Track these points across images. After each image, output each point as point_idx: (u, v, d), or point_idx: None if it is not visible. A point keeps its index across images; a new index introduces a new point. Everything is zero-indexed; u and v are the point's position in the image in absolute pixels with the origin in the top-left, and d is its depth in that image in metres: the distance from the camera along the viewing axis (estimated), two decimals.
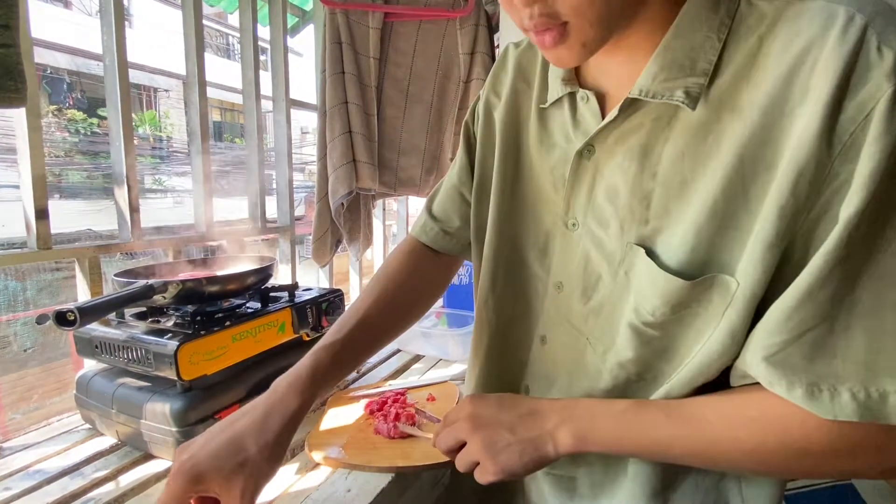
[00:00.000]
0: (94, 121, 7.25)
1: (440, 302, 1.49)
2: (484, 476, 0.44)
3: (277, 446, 0.46)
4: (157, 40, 7.91)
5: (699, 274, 0.37)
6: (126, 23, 0.86)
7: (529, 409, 0.45)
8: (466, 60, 1.36)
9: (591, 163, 0.44)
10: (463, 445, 0.46)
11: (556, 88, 0.48)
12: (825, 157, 0.32)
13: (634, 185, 0.41)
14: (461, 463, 0.46)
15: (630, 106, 0.40)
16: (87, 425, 0.77)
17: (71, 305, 0.53)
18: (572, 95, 0.46)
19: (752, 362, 0.36)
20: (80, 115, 7.14)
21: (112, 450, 0.71)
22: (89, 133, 7.13)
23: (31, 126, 0.72)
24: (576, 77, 0.47)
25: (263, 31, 1.21)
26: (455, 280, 1.32)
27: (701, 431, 0.39)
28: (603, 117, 0.43)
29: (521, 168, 0.53)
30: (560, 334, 0.49)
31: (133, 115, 0.89)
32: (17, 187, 0.75)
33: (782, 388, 0.34)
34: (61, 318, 0.52)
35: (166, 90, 9.12)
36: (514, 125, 0.54)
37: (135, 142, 0.88)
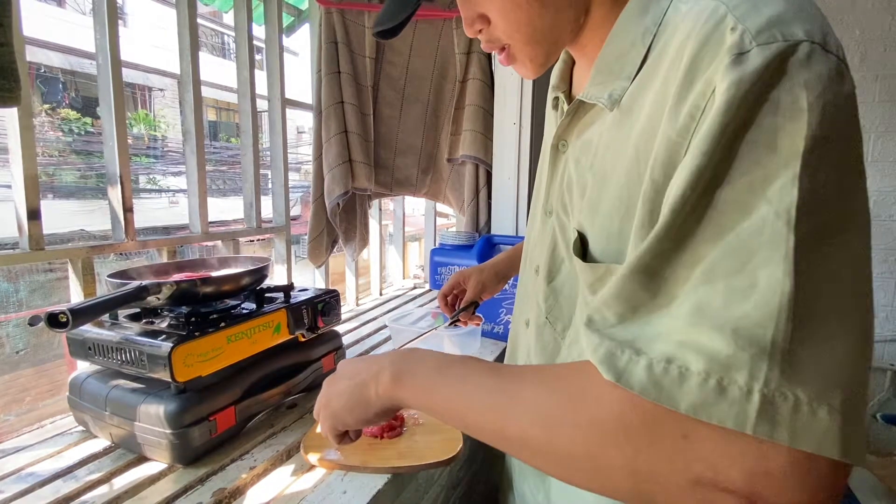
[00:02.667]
0: (88, 120, 7.20)
1: (436, 302, 1.49)
2: (322, 425, 0.50)
3: None
4: (151, 39, 7.87)
5: (614, 261, 0.40)
6: (119, 21, 0.85)
7: (371, 359, 0.47)
8: (463, 60, 1.36)
9: (564, 156, 0.50)
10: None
11: (550, 94, 0.56)
12: (676, 138, 0.32)
13: (580, 176, 0.46)
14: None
15: (579, 107, 0.45)
16: (81, 427, 0.76)
17: (63, 307, 0.52)
18: (557, 98, 0.54)
19: (580, 327, 0.35)
20: (73, 114, 7.09)
21: (105, 452, 0.70)
22: (83, 132, 7.08)
23: (23, 125, 0.71)
24: (565, 81, 0.54)
25: (259, 31, 1.21)
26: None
27: (509, 384, 0.37)
28: None
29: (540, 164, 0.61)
30: (535, 316, 0.54)
31: (127, 115, 0.88)
32: (9, 187, 0.74)
33: (591, 347, 0.32)
34: (53, 320, 0.51)
35: (161, 89, 9.07)
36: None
37: (128, 141, 0.87)
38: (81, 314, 0.54)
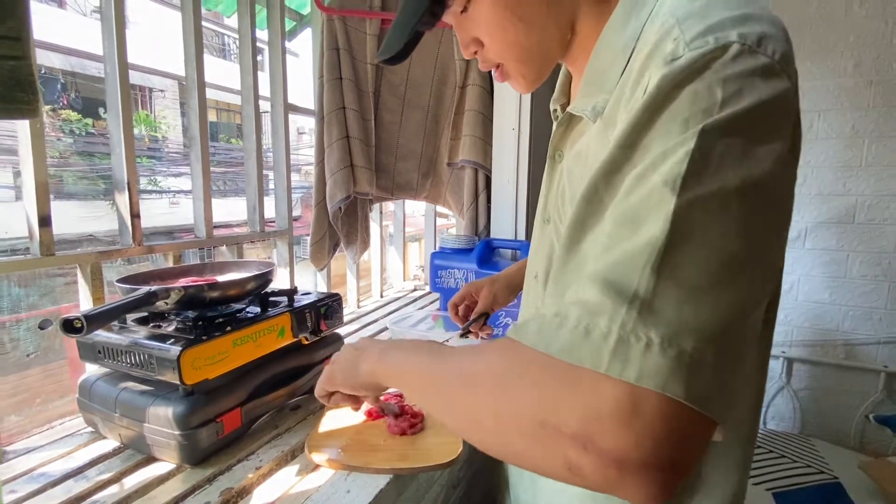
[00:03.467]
0: (89, 121, 7.21)
1: (437, 305, 1.51)
2: (318, 382, 0.60)
3: None
4: (152, 40, 7.88)
5: None
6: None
7: (377, 340, 0.55)
8: (462, 66, 1.38)
9: (560, 166, 0.52)
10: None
11: (551, 107, 0.58)
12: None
13: (572, 185, 0.48)
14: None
15: (569, 119, 0.48)
16: (90, 429, 0.78)
17: (78, 313, 0.54)
18: (556, 111, 0.57)
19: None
20: (74, 115, 7.10)
21: (115, 453, 0.72)
22: (84, 133, 7.09)
23: (34, 133, 0.73)
24: (565, 94, 0.56)
25: (261, 33, 1.22)
26: (452, 283, 1.34)
27: (450, 358, 0.40)
28: None
29: None
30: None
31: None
32: (10, 188, 0.75)
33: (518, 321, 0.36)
34: (68, 326, 0.53)
35: (161, 90, 9.08)
36: None
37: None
38: (95, 320, 0.55)
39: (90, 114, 7.34)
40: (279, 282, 1.26)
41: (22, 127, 0.72)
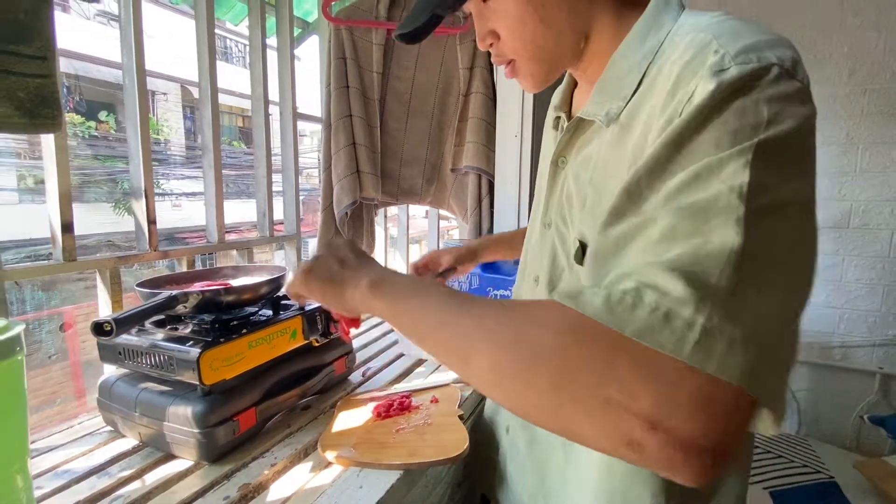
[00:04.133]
0: (92, 124, 7.25)
1: None
2: (295, 279, 0.56)
3: None
4: (155, 44, 7.93)
5: None
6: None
7: (358, 264, 0.52)
8: (466, 75, 1.41)
9: (563, 171, 0.54)
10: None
11: (550, 113, 0.61)
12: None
13: (579, 189, 0.50)
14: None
15: (578, 125, 0.50)
16: (108, 428, 0.81)
17: (108, 317, 0.57)
18: (558, 118, 0.59)
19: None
20: (78, 118, 7.14)
21: (135, 451, 0.75)
22: (87, 136, 7.13)
23: (59, 146, 0.76)
24: (566, 103, 0.59)
25: (268, 40, 1.26)
26: (456, 284, 1.36)
27: (468, 304, 0.39)
28: None
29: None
30: None
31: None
32: (13, 191, 0.78)
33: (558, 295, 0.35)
34: (98, 329, 0.56)
35: (164, 93, 9.14)
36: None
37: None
38: (123, 323, 0.59)
39: (93, 117, 7.38)
40: None
41: (46, 139, 0.76)
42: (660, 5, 0.45)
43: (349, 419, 0.82)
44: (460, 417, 0.80)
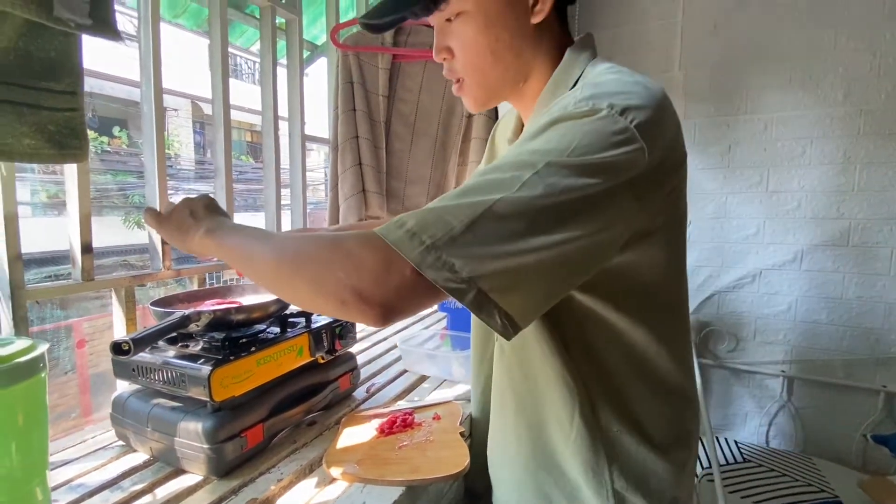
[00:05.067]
0: (105, 139, 7.40)
1: (443, 324, 1.56)
2: (153, 218, 0.66)
3: None
4: (167, 60, 8.10)
5: None
6: (136, 45, 0.93)
7: (197, 215, 0.61)
8: None
9: None
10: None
11: (503, 146, 0.71)
12: None
13: None
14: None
15: None
16: (120, 443, 0.83)
17: (126, 337, 0.60)
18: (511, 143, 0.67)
19: None
20: (92, 134, 7.28)
21: (145, 465, 0.77)
22: (99, 151, 7.28)
23: (81, 170, 0.80)
24: (516, 134, 0.66)
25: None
26: (459, 304, 1.39)
27: (270, 236, 0.52)
28: None
29: None
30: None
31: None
32: (28, 204, 0.82)
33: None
34: (117, 349, 0.59)
35: (175, 109, 9.32)
36: None
37: (143, 158, 0.96)
38: (140, 342, 0.62)
39: (106, 132, 7.54)
40: None
41: (69, 165, 0.80)
42: (570, 60, 0.56)
43: (353, 436, 0.84)
44: (462, 434, 0.82)
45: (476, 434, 0.81)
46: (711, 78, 1.84)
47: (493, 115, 1.53)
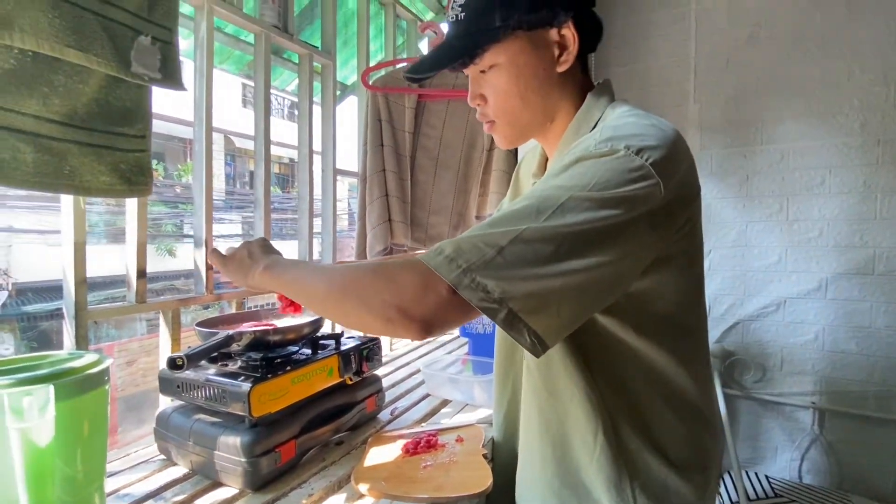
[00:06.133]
0: None
1: (465, 349, 1.59)
2: (217, 258, 0.74)
3: None
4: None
5: None
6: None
7: (255, 256, 0.69)
8: None
9: None
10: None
11: (528, 181, 0.76)
12: None
13: None
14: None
15: None
16: (161, 456, 0.88)
17: (180, 353, 0.66)
18: (535, 183, 0.72)
19: None
20: None
21: (185, 478, 0.82)
22: None
23: (140, 203, 0.89)
24: (542, 170, 0.72)
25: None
26: (480, 329, 1.42)
27: (322, 269, 0.59)
28: None
29: None
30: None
31: (178, 167, 1.06)
32: (55, 232, 0.90)
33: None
34: (172, 364, 0.65)
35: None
36: None
37: (177, 190, 1.05)
38: (192, 358, 0.68)
39: None
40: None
41: (131, 199, 0.89)
42: (591, 103, 0.62)
43: (380, 455, 0.88)
44: (484, 457, 0.85)
45: (498, 457, 0.83)
46: (726, 110, 1.88)
47: (514, 150, 1.60)
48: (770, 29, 1.80)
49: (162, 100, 0.92)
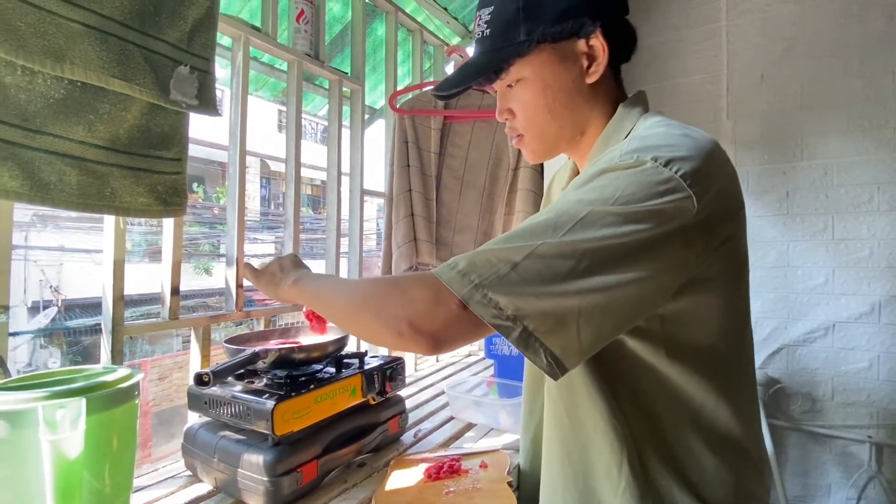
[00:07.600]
0: None
1: (491, 371, 1.56)
2: (251, 273, 0.76)
3: None
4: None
5: None
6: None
7: (285, 270, 0.71)
8: (515, 151, 1.53)
9: None
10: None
11: (558, 194, 0.73)
12: None
13: None
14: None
15: None
16: (188, 472, 0.89)
17: (207, 370, 0.67)
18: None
19: None
20: None
21: (209, 495, 0.82)
22: None
23: (176, 223, 0.92)
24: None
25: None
26: (506, 350, 1.39)
27: (344, 282, 0.63)
28: None
29: None
30: None
31: (216, 189, 1.10)
32: (100, 251, 0.93)
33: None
34: (199, 380, 0.67)
35: (247, 166, 10.30)
36: None
37: (215, 211, 1.08)
38: (219, 375, 0.69)
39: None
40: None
41: (167, 219, 0.93)
42: (622, 114, 0.60)
43: (402, 478, 0.86)
44: (509, 484, 0.82)
45: (524, 485, 0.80)
46: (762, 126, 1.82)
47: (539, 168, 1.59)
48: (807, 43, 1.75)
49: (203, 126, 0.97)
